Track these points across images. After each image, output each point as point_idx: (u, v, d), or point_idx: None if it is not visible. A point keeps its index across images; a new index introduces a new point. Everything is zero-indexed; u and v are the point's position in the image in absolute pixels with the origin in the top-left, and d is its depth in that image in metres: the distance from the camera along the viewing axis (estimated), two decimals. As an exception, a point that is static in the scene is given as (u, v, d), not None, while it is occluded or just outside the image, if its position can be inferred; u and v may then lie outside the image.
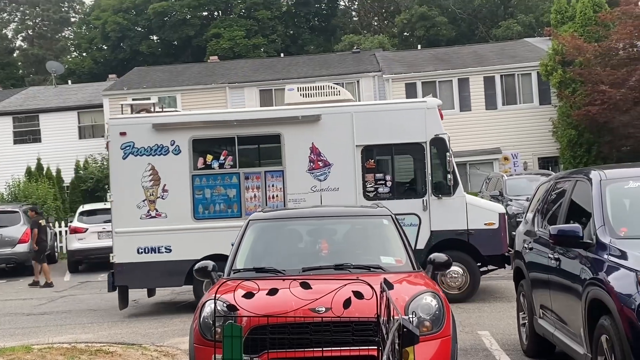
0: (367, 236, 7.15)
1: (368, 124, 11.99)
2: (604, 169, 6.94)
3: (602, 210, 6.13)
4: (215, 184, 12.05)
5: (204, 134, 12.18)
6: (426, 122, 11.83)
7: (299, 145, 12.02)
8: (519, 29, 44.01)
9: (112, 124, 12.39)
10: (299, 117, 12.09)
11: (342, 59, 34.70)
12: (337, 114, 12.15)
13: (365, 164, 12.08)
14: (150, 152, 12.04)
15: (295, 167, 12.02)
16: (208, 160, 12.14)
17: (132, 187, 12.00)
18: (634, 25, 23.30)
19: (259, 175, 12.08)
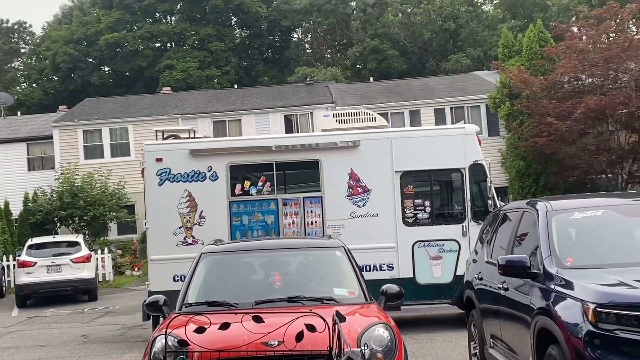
0: (320, 268, 7.17)
1: (407, 150, 11.94)
2: (550, 200, 7.12)
3: (548, 241, 6.27)
4: (253, 210, 11.89)
5: (242, 159, 12.02)
6: (465, 148, 11.84)
7: (337, 171, 11.91)
8: (468, 63, 44.96)
9: (148, 150, 12.06)
10: (338, 143, 12.00)
11: (295, 90, 34.94)
12: (376, 140, 12.09)
13: (404, 190, 12.02)
14: (187, 179, 11.84)
15: (334, 193, 11.91)
16: (246, 187, 11.99)
17: (168, 214, 11.76)
18: (578, 59, 23.99)
19: (297, 201, 11.94)
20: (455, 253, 11.81)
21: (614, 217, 6.54)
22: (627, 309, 4.99)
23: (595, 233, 6.50)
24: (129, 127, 31.09)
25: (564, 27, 27.23)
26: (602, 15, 25.32)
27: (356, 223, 11.76)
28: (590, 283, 5.39)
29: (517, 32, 34.29)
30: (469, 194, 11.95)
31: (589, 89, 23.92)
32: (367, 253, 11.39)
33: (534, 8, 46.49)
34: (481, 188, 12.03)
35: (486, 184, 11.93)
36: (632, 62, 23.46)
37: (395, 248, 11.93)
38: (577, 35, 25.58)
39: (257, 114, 31.02)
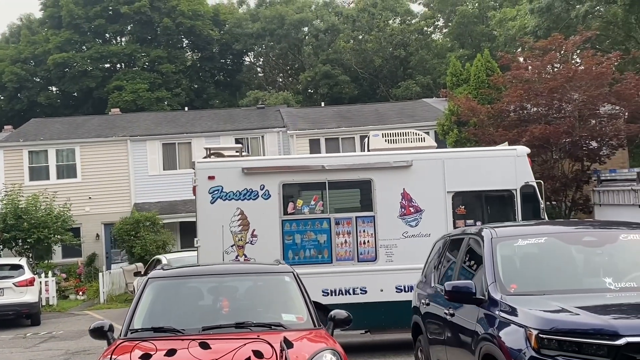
0: (269, 293, 7.15)
1: (459, 170, 11.94)
2: (495, 227, 7.26)
3: (493, 267, 6.39)
4: (306, 230, 11.78)
5: (294, 178, 11.95)
6: (516, 169, 11.86)
7: (390, 191, 11.87)
8: (418, 90, 45.66)
9: (200, 168, 11.95)
10: (391, 163, 11.98)
11: (247, 114, 34.95)
12: (429, 160, 12.11)
13: (456, 210, 11.97)
14: (239, 197, 11.74)
15: (386, 212, 11.84)
16: (298, 205, 11.90)
17: (220, 232, 11.57)
18: (523, 88, 24.57)
19: (349, 220, 11.85)
20: None
21: (557, 244, 6.69)
22: (568, 335, 5.11)
23: (538, 260, 6.65)
24: (76, 148, 30.62)
25: (511, 57, 27.88)
26: (547, 46, 26.02)
27: (409, 243, 11.74)
28: (533, 309, 5.50)
29: (465, 61, 35.06)
30: (520, 215, 11.95)
31: (534, 118, 24.49)
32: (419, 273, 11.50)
33: (482, 38, 47.59)
34: (533, 209, 11.99)
35: (538, 205, 11.95)
36: (575, 93, 24.13)
37: None
38: (523, 66, 26.23)
39: (208, 136, 30.89)
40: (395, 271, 11.68)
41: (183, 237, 30.09)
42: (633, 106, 24.18)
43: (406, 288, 11.32)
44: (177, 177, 30.30)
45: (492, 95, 26.53)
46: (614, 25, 36.49)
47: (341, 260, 11.66)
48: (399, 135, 13.19)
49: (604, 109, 24.61)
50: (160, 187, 30.22)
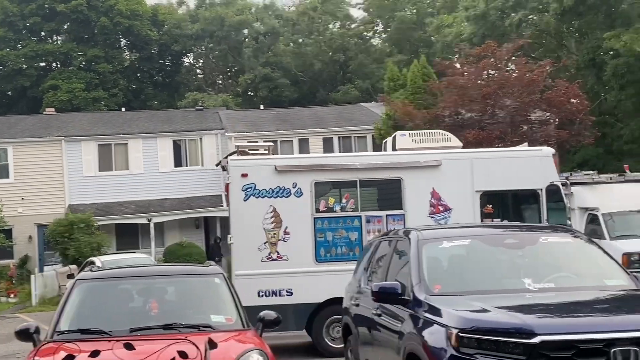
0: (198, 295, 7.15)
1: (486, 170, 12.10)
2: (422, 229, 7.43)
3: (418, 268, 6.54)
4: (337, 227, 11.86)
5: (326, 177, 12.04)
6: (542, 169, 12.04)
7: (419, 190, 12.00)
8: (357, 94, 46.06)
9: (233, 165, 11.97)
10: (421, 162, 12.13)
11: (185, 115, 34.68)
12: (457, 160, 12.31)
13: (484, 209, 12.14)
14: (272, 194, 11.76)
15: (416, 211, 11.96)
16: (330, 203, 11.97)
17: (253, 230, 11.62)
18: (458, 94, 25.10)
19: (380, 218, 11.96)
20: None
21: (480, 246, 6.89)
22: (487, 334, 5.27)
23: (462, 261, 6.84)
24: (8, 148, 29.88)
25: (446, 64, 28.44)
26: (481, 53, 26.63)
27: None
28: (455, 309, 5.66)
29: (403, 66, 35.51)
30: (545, 215, 12.18)
31: (469, 123, 25.03)
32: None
33: (420, 44, 48.31)
34: (558, 209, 12.29)
35: (563, 205, 12.28)
36: (508, 99, 24.78)
37: None
38: (458, 72, 26.78)
39: (145, 138, 30.55)
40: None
41: (119, 239, 29.69)
42: (563, 113, 24.96)
43: None
44: (113, 178, 29.88)
45: (428, 101, 27.01)
46: (546, 34, 37.56)
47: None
48: (426, 135, 13.46)
49: (535, 115, 25.33)
50: (96, 188, 29.74)
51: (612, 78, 30.76)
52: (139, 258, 21.74)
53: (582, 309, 5.66)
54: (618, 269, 6.59)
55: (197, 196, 30.05)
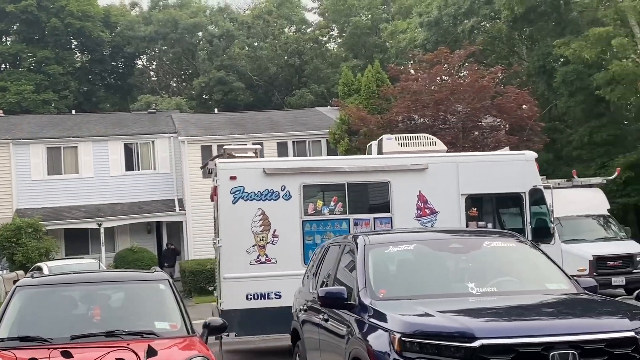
0: (142, 301, 7.05)
1: (471, 174, 12.26)
2: (369, 234, 7.46)
3: (364, 273, 6.56)
4: (325, 230, 11.93)
5: (315, 180, 12.11)
6: (525, 173, 12.25)
7: (406, 193, 12.11)
8: (312, 98, 46.10)
9: (222, 168, 11.92)
10: (408, 166, 12.27)
11: (137, 118, 34.25)
12: (443, 163, 12.48)
13: (469, 212, 12.30)
14: (260, 197, 11.79)
15: (403, 214, 12.07)
16: (318, 206, 12.07)
17: (241, 232, 11.64)
18: (411, 100, 25.31)
19: (368, 221, 12.04)
20: None
21: (425, 251, 6.95)
22: (429, 338, 5.31)
23: (407, 266, 6.88)
24: (-47, 150, 29.11)
25: (400, 69, 28.65)
26: (434, 59, 26.90)
27: None
28: (398, 314, 5.69)
29: (359, 71, 35.69)
30: (528, 217, 12.44)
31: (421, 128, 25.18)
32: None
33: (375, 49, 48.57)
34: (540, 211, 12.54)
35: (546, 208, 12.51)
36: (459, 105, 25.07)
37: None
38: (411, 78, 27.00)
39: (96, 141, 30.06)
40: None
41: (68, 244, 29.15)
42: (513, 119, 25.34)
43: None
44: (63, 182, 29.34)
45: (382, 106, 27.17)
46: (498, 41, 38.12)
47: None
48: (412, 138, 13.69)
49: (486, 121, 25.67)
50: (45, 192, 29.14)
51: (562, 85, 31.34)
52: (87, 264, 21.38)
53: (522, 313, 5.73)
54: (560, 273, 6.69)
55: (149, 200, 29.68)
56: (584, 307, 5.94)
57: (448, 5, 35.27)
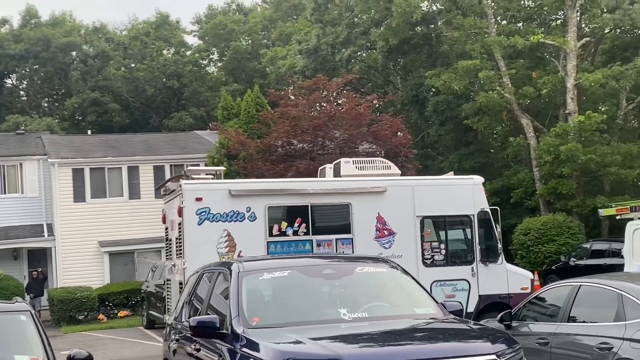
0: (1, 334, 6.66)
1: (426, 196, 12.81)
2: (244, 260, 7.40)
3: (237, 301, 6.49)
4: (290, 251, 12.02)
5: (280, 201, 12.33)
6: (474, 196, 12.90)
7: (366, 214, 12.57)
8: (191, 121, 45.59)
9: (188, 189, 11.92)
10: (368, 189, 12.72)
11: (4, 139, 32.58)
12: (401, 187, 13.13)
13: (423, 233, 13.02)
14: (226, 218, 11.87)
15: (363, 235, 12.57)
16: (283, 227, 12.23)
17: (207, 253, 11.46)
18: (290, 125, 25.54)
19: (330, 242, 12.39)
20: (466, 292, 12.66)
21: (299, 277, 6.96)
22: (301, 365, 5.31)
23: (281, 293, 6.87)
24: None
25: (280, 95, 28.88)
26: (313, 86, 27.32)
27: None
28: (270, 342, 5.66)
29: (238, 96, 35.66)
30: (477, 238, 13.22)
31: (300, 153, 25.50)
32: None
33: (255, 74, 48.77)
34: (488, 233, 13.29)
35: (492, 230, 13.26)
36: (337, 131, 25.54)
37: None
38: (291, 103, 27.27)
39: (-44, 163, 28.39)
40: None
41: None
42: (388, 145, 26.05)
43: None
44: None
45: (262, 130, 27.25)
46: (374, 70, 39.21)
47: None
48: (368, 162, 14.18)
49: (363, 147, 26.26)
50: None
51: (433, 114, 32.59)
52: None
53: (391, 338, 5.84)
54: (428, 298, 6.89)
55: (16, 225, 28.24)
56: (449, 331, 6.13)
57: (326, 34, 35.99)
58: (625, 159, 25.79)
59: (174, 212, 12.50)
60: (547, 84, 27.60)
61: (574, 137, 26.11)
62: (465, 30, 29.45)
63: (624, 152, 26.12)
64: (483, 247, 13.47)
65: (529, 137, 29.04)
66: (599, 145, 26.20)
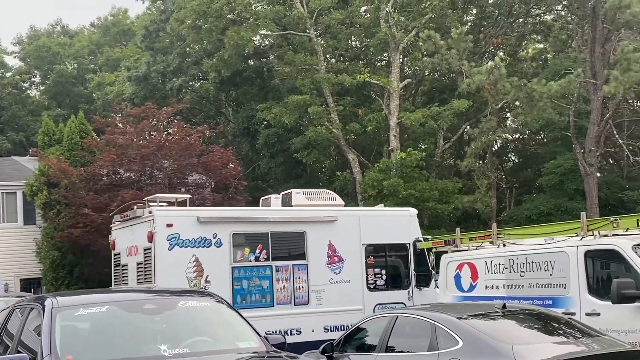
0: None
1: (370, 226, 13.81)
2: (59, 295, 7.04)
3: (50, 339, 6.14)
4: (252, 276, 12.85)
5: (243, 228, 12.97)
6: (409, 226, 14.00)
7: (319, 242, 13.48)
8: (9, 147, 42.98)
9: (159, 216, 12.39)
10: (321, 218, 13.69)
11: None
12: (349, 216, 14.22)
13: (367, 260, 14.15)
14: (194, 244, 12.43)
15: (316, 261, 13.52)
16: (246, 254, 12.94)
17: (176, 278, 12.04)
18: (117, 153, 24.75)
19: (287, 268, 13.25)
20: None
21: (118, 313, 6.71)
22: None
23: (98, 329, 6.58)
24: None
25: (106, 122, 27.95)
26: (141, 114, 26.71)
27: (334, 288, 13.65)
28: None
29: (62, 121, 34.12)
30: (412, 265, 14.54)
31: (127, 183, 24.75)
32: (341, 314, 13.45)
33: (81, 99, 47.00)
34: (422, 260, 14.56)
35: (425, 257, 14.41)
36: (166, 161, 25.08)
37: (363, 310, 13.86)
38: (118, 131, 26.47)
39: None
40: (323, 313, 13.56)
41: None
42: (218, 177, 25.97)
43: (332, 328, 13.40)
44: None
45: (86, 158, 26.18)
46: (206, 100, 39.10)
47: (281, 304, 13.19)
48: (315, 193, 15.09)
49: (192, 178, 25.98)
50: None
51: (264, 146, 32.98)
52: None
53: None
54: (250, 332, 6.88)
55: None
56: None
57: (157, 62, 35.48)
58: (442, 194, 27.40)
59: (138, 238, 12.81)
60: (372, 121, 28.83)
61: (396, 172, 27.40)
62: (296, 66, 30.19)
63: (441, 188, 27.75)
64: (418, 272, 14.85)
65: (355, 171, 30.12)
66: (418, 181, 27.64)
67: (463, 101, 27.70)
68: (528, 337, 7.25)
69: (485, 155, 32.14)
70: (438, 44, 22.47)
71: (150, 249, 12.35)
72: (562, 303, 9.85)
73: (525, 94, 22.16)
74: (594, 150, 23.64)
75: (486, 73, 21.67)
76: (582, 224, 9.92)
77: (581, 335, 7.31)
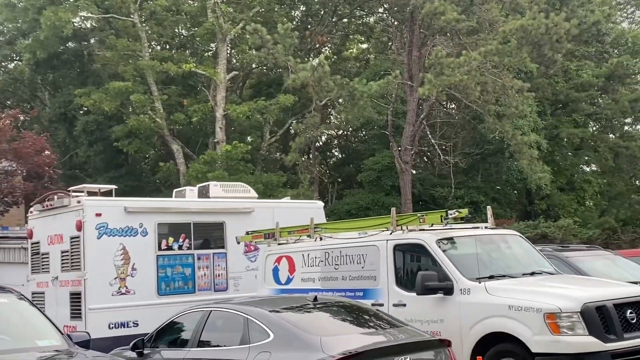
0: None
1: (283, 217, 13.79)
2: None
3: None
4: (175, 264, 13.34)
5: (167, 219, 13.43)
6: (317, 218, 13.81)
7: (237, 232, 13.71)
8: None
9: (88, 205, 12.65)
10: (240, 209, 14.32)
11: None
12: (265, 208, 14.86)
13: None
14: (121, 233, 12.77)
15: (234, 250, 14.00)
16: (170, 242, 13.40)
17: (105, 266, 12.47)
18: None
19: (208, 256, 13.82)
20: None
21: None
22: None
23: None
24: None
25: None
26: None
27: (249, 275, 13.93)
28: None
29: None
30: None
31: None
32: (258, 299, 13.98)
33: None
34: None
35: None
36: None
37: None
38: None
39: None
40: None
41: None
42: (30, 164, 24.58)
43: None
44: None
45: None
46: (20, 83, 36.77)
47: (202, 291, 13.55)
48: (231, 186, 15.67)
49: (2, 165, 24.40)
50: None
51: (83, 134, 31.59)
52: None
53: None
54: (52, 330, 6.57)
55: None
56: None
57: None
58: (266, 188, 27.66)
59: (63, 227, 13.07)
60: (197, 112, 28.50)
61: (222, 165, 27.29)
62: (119, 51, 29.18)
63: (266, 182, 28.01)
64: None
65: (179, 162, 29.66)
66: (243, 174, 27.71)
67: (289, 96, 28.08)
68: (336, 328, 7.47)
69: (309, 150, 32.83)
70: (265, 38, 22.52)
71: (79, 237, 12.74)
72: (372, 295, 10.26)
73: (347, 93, 22.81)
74: (409, 149, 24.83)
75: (311, 70, 22.03)
76: (392, 219, 10.39)
77: (387, 326, 7.64)
